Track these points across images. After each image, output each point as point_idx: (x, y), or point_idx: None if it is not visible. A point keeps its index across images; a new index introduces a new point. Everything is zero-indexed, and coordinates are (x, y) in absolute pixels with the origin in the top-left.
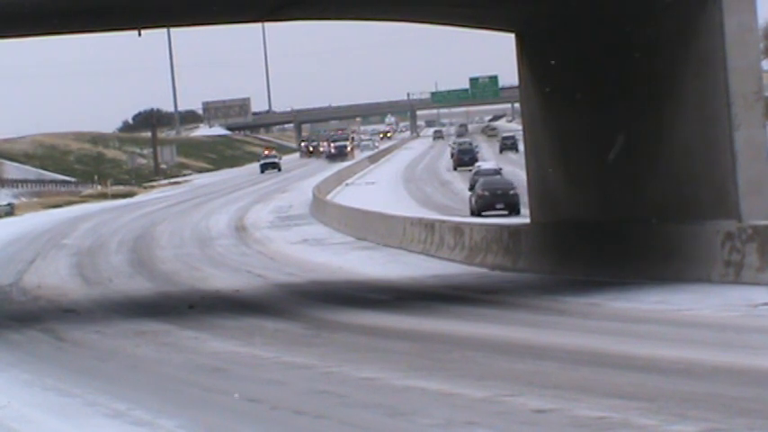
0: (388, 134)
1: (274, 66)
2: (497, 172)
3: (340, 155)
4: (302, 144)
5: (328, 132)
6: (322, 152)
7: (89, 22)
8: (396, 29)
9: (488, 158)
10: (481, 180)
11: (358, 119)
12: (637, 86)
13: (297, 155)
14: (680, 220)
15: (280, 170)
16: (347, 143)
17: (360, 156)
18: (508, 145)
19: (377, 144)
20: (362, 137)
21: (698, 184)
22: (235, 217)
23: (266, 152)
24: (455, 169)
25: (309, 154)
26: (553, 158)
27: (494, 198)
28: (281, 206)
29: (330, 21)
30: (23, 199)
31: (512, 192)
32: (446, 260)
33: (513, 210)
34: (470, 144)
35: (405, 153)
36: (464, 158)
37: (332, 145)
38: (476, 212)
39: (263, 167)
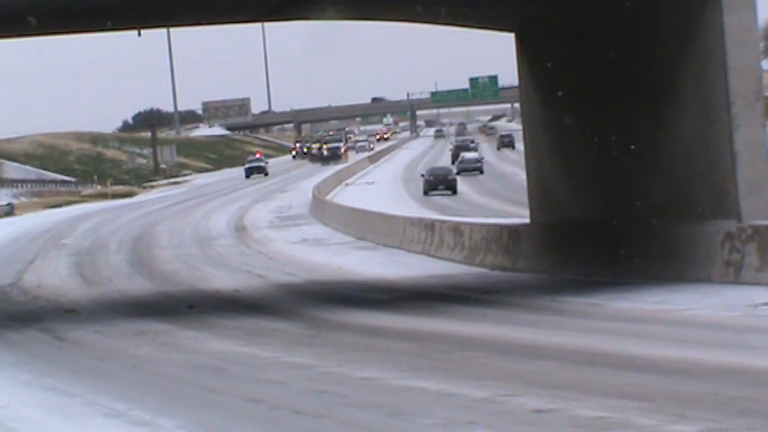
0: (385, 135)
1: (274, 66)
2: (478, 161)
3: (333, 157)
4: (297, 144)
5: (320, 134)
6: (315, 154)
7: (89, 22)
8: (396, 29)
9: (486, 155)
10: (428, 168)
11: (358, 119)
12: (637, 86)
13: (291, 156)
14: (680, 220)
15: (266, 175)
16: (341, 144)
17: (355, 158)
18: (505, 143)
19: (372, 146)
20: (358, 138)
21: (698, 184)
22: (234, 217)
23: (257, 155)
24: (453, 163)
25: (304, 155)
26: (553, 158)
27: (437, 181)
28: (280, 206)
29: (330, 21)
30: (23, 199)
31: (450, 177)
32: (446, 260)
33: (453, 190)
34: (471, 141)
35: (405, 153)
36: (459, 153)
37: (324, 147)
38: (426, 192)
39: (248, 172)
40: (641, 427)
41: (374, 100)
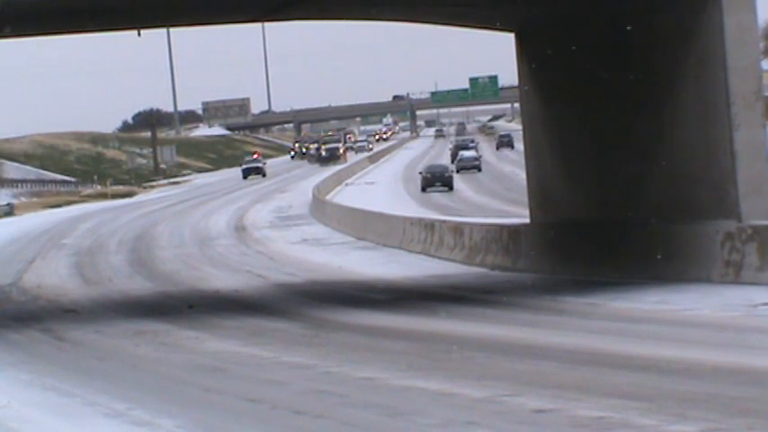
0: (384, 136)
1: (274, 66)
2: (476, 159)
3: (332, 157)
4: (296, 145)
5: (317, 135)
6: (313, 155)
7: (89, 22)
8: (396, 29)
9: (485, 154)
10: (425, 166)
11: (358, 119)
12: (637, 86)
13: (290, 156)
14: (680, 220)
15: (264, 176)
16: (339, 145)
17: (354, 158)
18: (504, 142)
19: (371, 146)
20: (358, 138)
21: (698, 184)
22: (234, 217)
23: (255, 155)
24: (452, 162)
25: (303, 156)
26: (553, 158)
27: (434, 178)
28: (280, 206)
29: (330, 21)
30: (23, 199)
31: (447, 174)
32: (446, 260)
33: (449, 186)
34: (471, 141)
35: (404, 153)
36: (458, 152)
37: (323, 147)
38: (423, 189)
39: (246, 173)
40: (641, 427)
41: (395, 98)
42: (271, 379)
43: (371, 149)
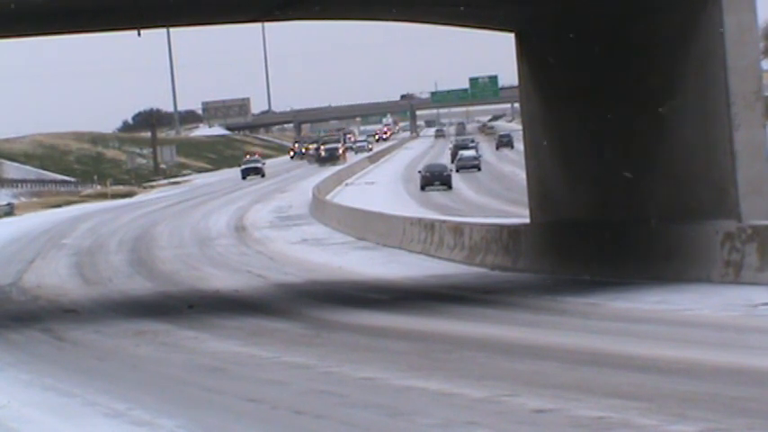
0: (384, 136)
1: (274, 66)
2: (475, 158)
3: (331, 158)
4: (295, 145)
5: (317, 135)
6: (312, 155)
7: (89, 22)
8: (396, 29)
9: (485, 154)
10: (424, 165)
11: (358, 119)
12: (637, 86)
13: (290, 156)
14: (680, 220)
15: (263, 176)
16: (338, 145)
17: (354, 159)
18: (504, 142)
19: (371, 146)
20: (358, 138)
21: (698, 184)
22: (234, 217)
23: (247, 156)
24: (452, 161)
25: (302, 156)
26: (553, 158)
27: (432, 177)
28: (280, 206)
29: (330, 21)
30: (23, 199)
31: (445, 173)
32: (446, 260)
33: (447, 185)
34: (471, 140)
35: (405, 153)
36: (458, 152)
37: (322, 147)
38: (422, 188)
39: (245, 173)
40: (641, 427)
41: (403, 97)
42: (271, 379)
43: (371, 149)
